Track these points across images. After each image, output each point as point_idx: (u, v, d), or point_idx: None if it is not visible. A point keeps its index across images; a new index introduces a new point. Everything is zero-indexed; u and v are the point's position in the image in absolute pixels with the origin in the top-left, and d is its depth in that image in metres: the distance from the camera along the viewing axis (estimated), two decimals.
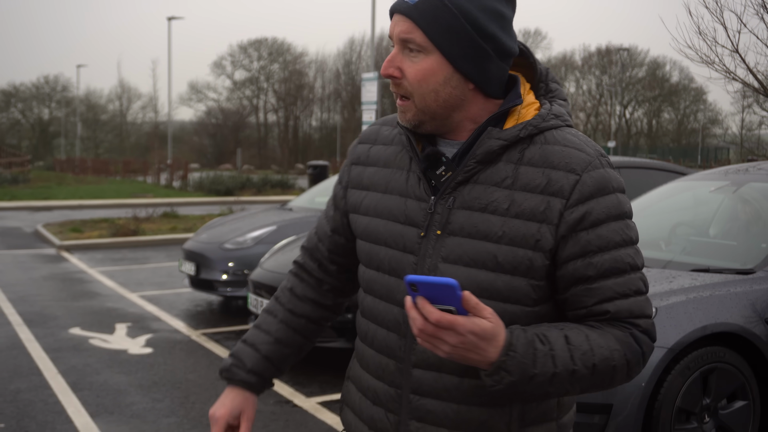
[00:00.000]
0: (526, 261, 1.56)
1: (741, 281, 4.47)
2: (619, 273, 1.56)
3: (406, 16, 1.57)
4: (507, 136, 1.59)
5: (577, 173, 1.56)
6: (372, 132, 1.84)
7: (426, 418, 1.64)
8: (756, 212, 5.27)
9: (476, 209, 1.59)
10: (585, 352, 1.51)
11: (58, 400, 5.73)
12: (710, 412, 4.22)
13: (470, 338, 1.42)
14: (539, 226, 1.55)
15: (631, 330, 1.56)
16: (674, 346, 4.06)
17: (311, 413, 5.51)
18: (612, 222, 1.56)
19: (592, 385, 1.55)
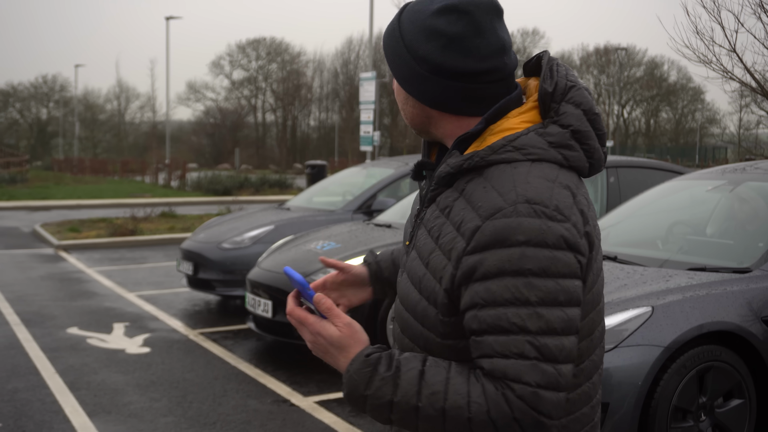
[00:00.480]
0: (434, 293, 1.54)
1: (737, 280, 4.48)
2: (502, 332, 1.44)
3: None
4: (453, 165, 1.56)
5: (481, 219, 1.47)
6: None
7: None
8: (753, 211, 5.28)
9: (427, 229, 1.60)
10: (435, 392, 1.45)
11: (55, 399, 5.74)
12: (707, 411, 4.23)
13: (320, 340, 1.55)
14: (446, 263, 1.51)
15: (503, 391, 1.43)
16: (671, 345, 4.07)
17: (308, 412, 5.52)
18: (506, 278, 1.43)
19: (439, 428, 1.47)
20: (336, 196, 10.00)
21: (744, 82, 9.72)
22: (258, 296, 6.83)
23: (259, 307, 6.76)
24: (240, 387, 6.08)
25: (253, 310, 6.92)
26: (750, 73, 9.60)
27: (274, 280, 6.70)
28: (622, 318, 4.16)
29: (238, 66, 77.47)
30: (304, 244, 7.25)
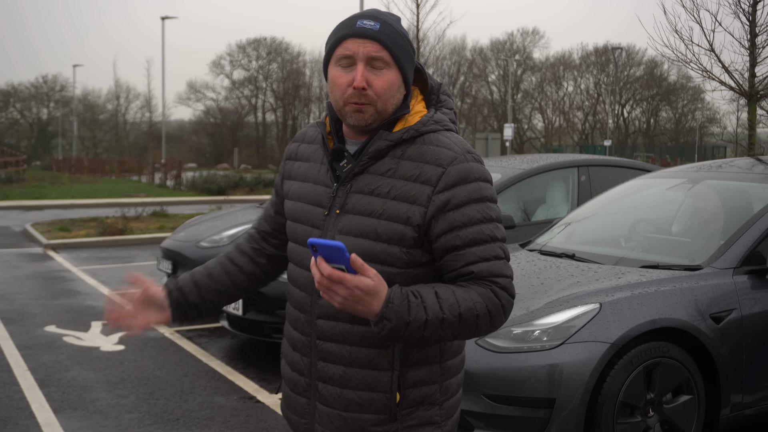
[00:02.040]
0: (398, 233, 1.98)
1: (687, 277, 4.52)
2: (481, 243, 1.97)
3: (374, 39, 1.98)
4: (392, 138, 2.03)
5: (443, 166, 1.98)
6: (302, 133, 2.28)
7: (328, 358, 2.07)
8: (709, 209, 5.32)
9: (365, 193, 2.02)
10: (452, 304, 1.91)
11: (23, 396, 5.79)
12: (655, 407, 4.27)
13: (356, 292, 1.82)
14: (410, 206, 1.97)
15: (491, 286, 1.97)
16: (617, 341, 4.12)
17: (273, 409, 5.57)
18: (474, 204, 1.97)
19: (461, 331, 1.94)
20: None
21: (723, 81, 9.75)
22: None
23: (231, 305, 6.81)
24: (208, 384, 6.13)
25: (226, 309, 6.96)
26: (728, 73, 9.63)
27: None
28: (569, 315, 4.20)
29: (239, 66, 77.50)
30: None
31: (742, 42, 9.60)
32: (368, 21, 2.00)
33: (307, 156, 2.19)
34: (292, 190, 2.19)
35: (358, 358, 2.03)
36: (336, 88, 2.02)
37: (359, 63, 1.98)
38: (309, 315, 2.09)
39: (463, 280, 1.98)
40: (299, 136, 2.27)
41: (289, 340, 2.20)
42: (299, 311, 2.13)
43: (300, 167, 2.19)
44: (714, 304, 4.40)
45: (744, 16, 9.56)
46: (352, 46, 1.99)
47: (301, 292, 2.13)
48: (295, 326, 2.16)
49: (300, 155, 2.22)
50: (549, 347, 4.11)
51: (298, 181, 2.18)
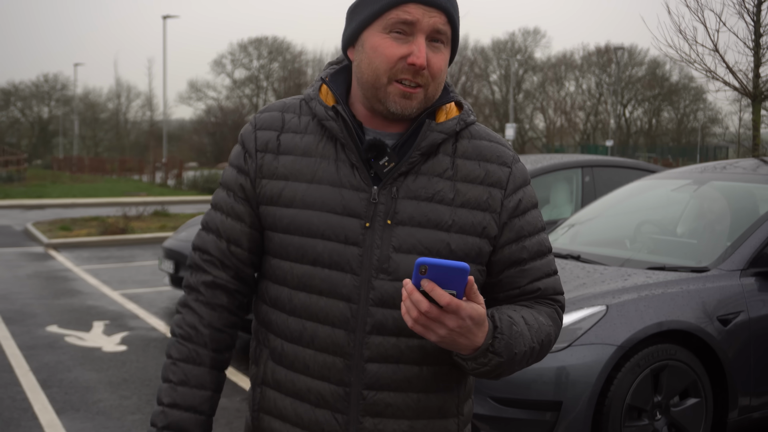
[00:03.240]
0: (476, 248, 1.66)
1: (694, 279, 4.49)
2: (543, 255, 1.74)
3: (444, 10, 1.61)
4: (446, 130, 1.68)
5: (508, 165, 1.72)
6: (273, 119, 1.73)
7: (385, 412, 1.64)
8: (719, 211, 5.29)
9: (423, 199, 1.63)
10: (537, 330, 1.65)
11: (26, 397, 5.76)
12: (662, 410, 4.24)
13: (467, 323, 1.47)
14: (484, 214, 1.67)
15: (554, 306, 1.74)
16: (624, 344, 4.09)
17: None
18: (534, 210, 1.74)
19: (536, 359, 1.69)
20: None
21: (726, 81, 9.72)
22: None
23: (170, 357, 6.75)
24: None
25: None
26: (732, 73, 9.60)
27: None
28: (576, 317, 4.17)
29: (240, 65, 77.50)
30: None
31: (746, 42, 9.57)
32: None
33: (304, 149, 1.68)
34: (288, 194, 1.66)
35: (427, 407, 1.68)
36: (381, 58, 1.60)
37: (419, 35, 1.59)
38: (350, 359, 1.63)
39: (526, 299, 1.73)
40: (269, 123, 1.72)
41: (303, 393, 1.68)
42: (331, 354, 1.64)
43: (296, 163, 1.67)
44: (721, 306, 4.37)
45: (748, 16, 9.52)
46: (416, 12, 1.58)
47: (334, 329, 1.64)
48: (320, 374, 1.66)
49: (288, 148, 1.69)
50: (556, 349, 4.07)
51: (299, 182, 1.66)
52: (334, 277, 1.62)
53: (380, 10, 1.60)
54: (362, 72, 1.63)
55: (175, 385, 1.71)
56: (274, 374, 1.72)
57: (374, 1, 1.61)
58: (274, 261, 1.70)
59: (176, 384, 1.71)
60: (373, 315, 1.61)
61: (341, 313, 1.62)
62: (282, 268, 1.68)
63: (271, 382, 1.72)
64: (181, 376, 1.71)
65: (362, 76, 1.64)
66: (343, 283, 1.62)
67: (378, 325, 1.62)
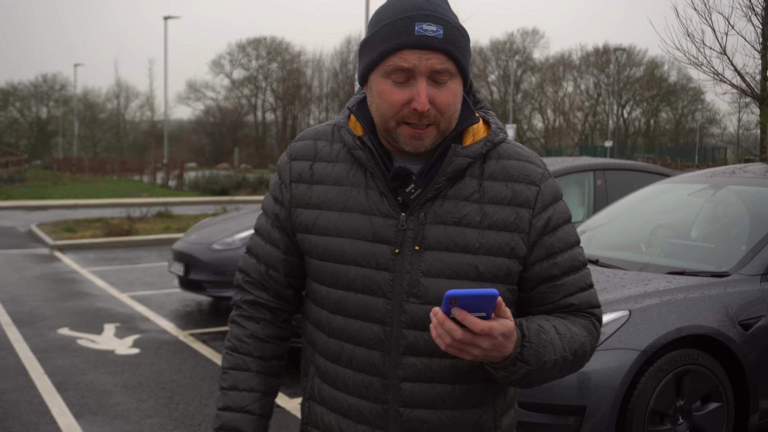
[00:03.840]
0: (504, 269, 1.68)
1: (715, 284, 4.50)
2: (576, 270, 1.75)
3: (440, 50, 1.60)
4: (471, 153, 1.68)
5: (536, 184, 1.71)
6: (307, 148, 1.80)
7: (421, 429, 1.70)
8: (734, 215, 5.30)
9: (450, 223, 1.67)
10: (570, 340, 1.67)
11: (42, 400, 5.77)
12: (684, 414, 4.26)
13: (500, 339, 1.51)
14: (512, 235, 1.68)
15: (590, 319, 1.76)
16: (647, 349, 4.10)
17: (293, 414, 5.55)
18: (565, 225, 1.74)
19: (570, 369, 1.70)
20: None
21: (734, 84, 9.74)
22: None
23: (223, 368, 6.77)
24: None
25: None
26: (740, 76, 9.63)
27: None
28: None
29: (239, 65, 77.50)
30: None
31: (754, 45, 9.60)
32: (429, 25, 1.59)
33: (336, 178, 1.73)
34: (321, 222, 1.73)
35: (462, 423, 1.72)
36: (386, 105, 1.63)
37: (419, 78, 1.60)
38: (386, 378, 1.69)
39: (560, 313, 1.74)
40: (303, 153, 1.79)
41: (345, 410, 1.76)
42: (369, 374, 1.71)
43: (327, 193, 1.73)
44: (742, 311, 4.39)
45: (756, 19, 9.55)
46: (411, 58, 1.59)
47: (370, 351, 1.70)
48: (359, 393, 1.73)
49: (320, 177, 1.75)
50: None
51: (332, 210, 1.72)
52: (368, 302, 1.69)
53: (378, 58, 1.63)
54: (374, 113, 1.69)
55: (226, 390, 1.84)
56: (320, 390, 1.82)
57: (373, 48, 1.64)
58: (313, 285, 1.79)
59: (227, 389, 1.84)
60: (405, 337, 1.68)
61: (375, 335, 1.70)
62: (320, 293, 1.77)
63: (318, 398, 1.82)
64: (231, 381, 1.84)
65: (374, 116, 1.69)
66: (376, 307, 1.69)
67: (410, 347, 1.68)
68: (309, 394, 1.85)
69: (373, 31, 1.65)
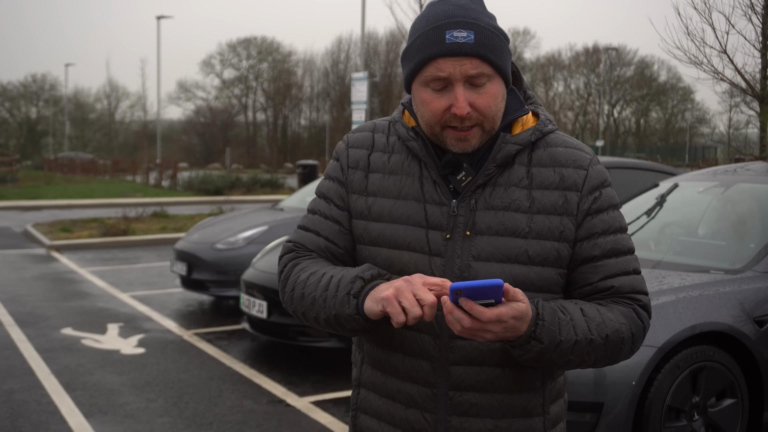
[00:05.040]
0: (554, 252, 1.72)
1: (730, 281, 4.52)
2: (620, 254, 1.75)
3: (473, 55, 1.65)
4: (521, 141, 1.75)
5: (584, 168, 1.76)
6: (365, 139, 1.87)
7: (470, 412, 1.73)
8: (744, 213, 5.33)
9: (500, 209, 1.72)
10: (599, 324, 1.66)
11: (51, 400, 5.75)
12: (699, 410, 4.27)
13: (511, 322, 1.54)
14: (561, 218, 1.72)
15: (633, 306, 1.74)
16: (664, 345, 4.11)
17: (304, 413, 5.55)
18: (611, 210, 1.77)
19: (604, 355, 1.69)
20: None
21: (734, 83, 9.78)
22: (253, 297, 6.85)
23: (254, 308, 6.79)
24: (235, 387, 6.10)
25: (247, 311, 6.94)
26: (740, 75, 9.66)
27: (268, 280, 6.72)
28: None
29: (229, 65, 77.37)
30: None
31: (754, 44, 9.64)
32: (460, 31, 1.64)
33: (391, 168, 1.80)
34: (377, 209, 1.79)
35: (511, 407, 1.74)
36: (428, 113, 1.70)
37: (457, 84, 1.65)
38: (436, 362, 1.73)
39: (601, 297, 1.74)
40: (361, 142, 1.86)
41: (394, 394, 1.80)
42: (419, 358, 1.75)
43: (384, 181, 1.80)
44: (757, 307, 4.41)
45: (757, 18, 9.59)
46: (445, 66, 1.65)
47: (421, 334, 1.73)
48: (409, 377, 1.76)
49: (377, 166, 1.82)
50: None
51: (387, 198, 1.78)
52: None
53: (416, 68, 1.70)
54: (419, 119, 1.76)
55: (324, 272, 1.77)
56: (370, 376, 1.85)
57: (411, 59, 1.71)
58: None
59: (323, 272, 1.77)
60: None
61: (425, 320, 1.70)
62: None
63: (368, 384, 1.86)
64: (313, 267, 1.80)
65: (420, 122, 1.76)
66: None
67: None
68: (359, 381, 1.89)
69: (410, 42, 1.72)
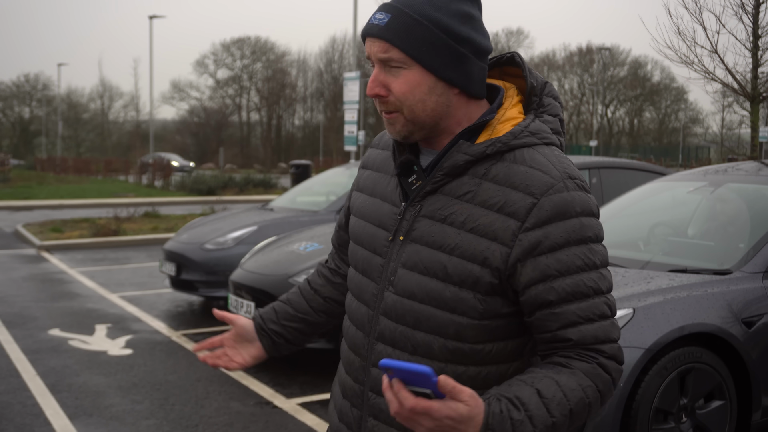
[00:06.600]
0: (473, 276, 1.58)
1: (718, 282, 4.49)
2: (582, 297, 1.55)
3: (379, 38, 1.59)
4: (473, 152, 1.61)
5: (535, 197, 1.55)
6: (381, 138, 1.91)
7: (379, 416, 1.70)
8: (733, 213, 5.30)
9: (437, 219, 1.63)
10: (560, 401, 1.50)
11: (36, 402, 5.70)
12: (687, 412, 4.24)
13: (446, 422, 1.40)
14: (489, 243, 1.57)
15: (597, 359, 1.56)
16: (651, 347, 4.08)
17: (291, 414, 5.51)
18: (573, 246, 1.55)
19: (570, 426, 1.54)
20: (320, 197, 9.99)
21: (725, 83, 9.77)
22: (241, 297, 6.80)
23: (242, 309, 6.74)
24: (222, 389, 6.06)
25: (235, 311, 6.89)
26: (731, 74, 9.65)
27: (256, 281, 6.68)
28: None
29: (223, 65, 77.36)
30: (287, 245, 7.23)
31: (745, 44, 9.62)
32: (380, 13, 1.60)
33: (378, 165, 1.83)
34: (358, 204, 1.84)
35: None
36: None
37: (376, 65, 1.63)
38: (364, 360, 1.73)
39: (562, 348, 1.58)
40: (377, 140, 1.92)
41: (341, 383, 1.85)
42: (354, 353, 1.77)
43: (369, 178, 1.83)
44: (745, 308, 4.38)
45: (747, 17, 9.58)
46: (367, 46, 1.64)
47: (357, 331, 1.76)
48: (347, 369, 1.80)
49: (371, 163, 1.86)
50: None
51: (365, 194, 1.82)
52: (363, 283, 1.76)
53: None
54: None
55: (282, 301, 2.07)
56: (340, 362, 1.91)
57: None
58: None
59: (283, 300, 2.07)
60: (380, 323, 1.70)
61: (362, 317, 1.75)
62: (349, 269, 1.89)
63: (338, 369, 1.92)
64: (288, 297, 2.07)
65: None
66: (367, 290, 1.74)
67: (381, 334, 1.70)
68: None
69: None
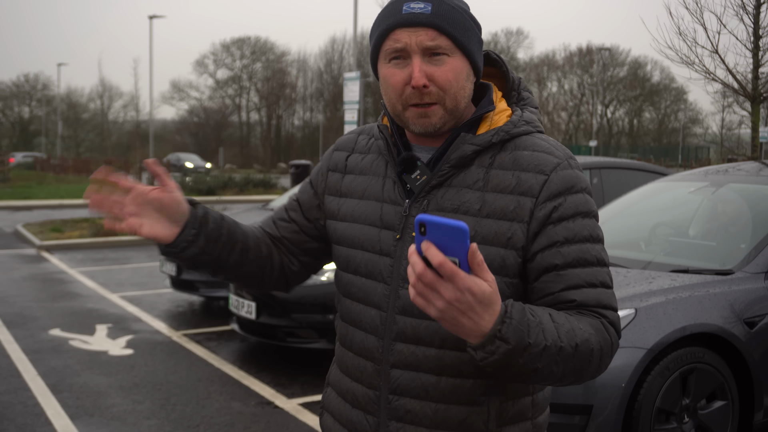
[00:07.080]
0: (498, 258, 1.60)
1: (720, 282, 4.49)
2: (586, 264, 1.60)
3: (428, 25, 1.61)
4: (480, 142, 1.66)
5: (545, 173, 1.63)
6: (349, 141, 1.89)
7: (405, 418, 1.67)
8: (735, 213, 5.30)
9: (449, 210, 1.64)
10: (569, 331, 1.49)
11: (37, 402, 5.69)
12: (690, 413, 4.24)
13: (467, 297, 1.33)
14: (510, 224, 1.61)
15: (601, 319, 1.58)
16: (654, 347, 4.08)
17: (292, 414, 5.50)
18: (579, 218, 1.62)
19: (572, 369, 1.51)
20: None
21: (726, 83, 9.76)
22: (242, 298, 6.80)
23: (243, 309, 6.74)
24: (224, 389, 6.05)
25: (236, 312, 6.89)
26: (732, 75, 9.65)
27: None
28: None
29: (223, 65, 77.30)
30: None
31: (746, 44, 9.62)
32: (417, 3, 1.62)
33: (362, 168, 1.81)
34: (344, 209, 1.80)
35: (446, 418, 1.65)
36: (390, 88, 1.66)
37: (414, 56, 1.62)
38: (379, 363, 1.70)
39: (564, 309, 1.58)
40: (345, 144, 1.88)
41: (344, 393, 1.79)
42: (364, 359, 1.73)
43: (354, 182, 1.81)
44: (747, 309, 4.38)
45: (748, 18, 9.57)
46: (402, 37, 1.62)
47: (367, 335, 1.72)
48: (356, 377, 1.75)
49: (351, 167, 1.83)
50: None
51: (354, 198, 1.79)
52: (369, 286, 1.72)
53: (376, 43, 1.67)
54: (386, 102, 1.71)
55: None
56: (335, 375, 1.87)
57: (373, 35, 1.69)
58: (336, 271, 1.86)
59: None
60: (397, 322, 1.67)
61: (373, 320, 1.71)
62: (338, 277, 1.84)
63: (332, 382, 1.87)
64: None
65: (387, 105, 1.72)
66: (375, 292, 1.71)
67: (401, 333, 1.67)
68: (328, 380, 1.91)
69: (373, 26, 1.71)
